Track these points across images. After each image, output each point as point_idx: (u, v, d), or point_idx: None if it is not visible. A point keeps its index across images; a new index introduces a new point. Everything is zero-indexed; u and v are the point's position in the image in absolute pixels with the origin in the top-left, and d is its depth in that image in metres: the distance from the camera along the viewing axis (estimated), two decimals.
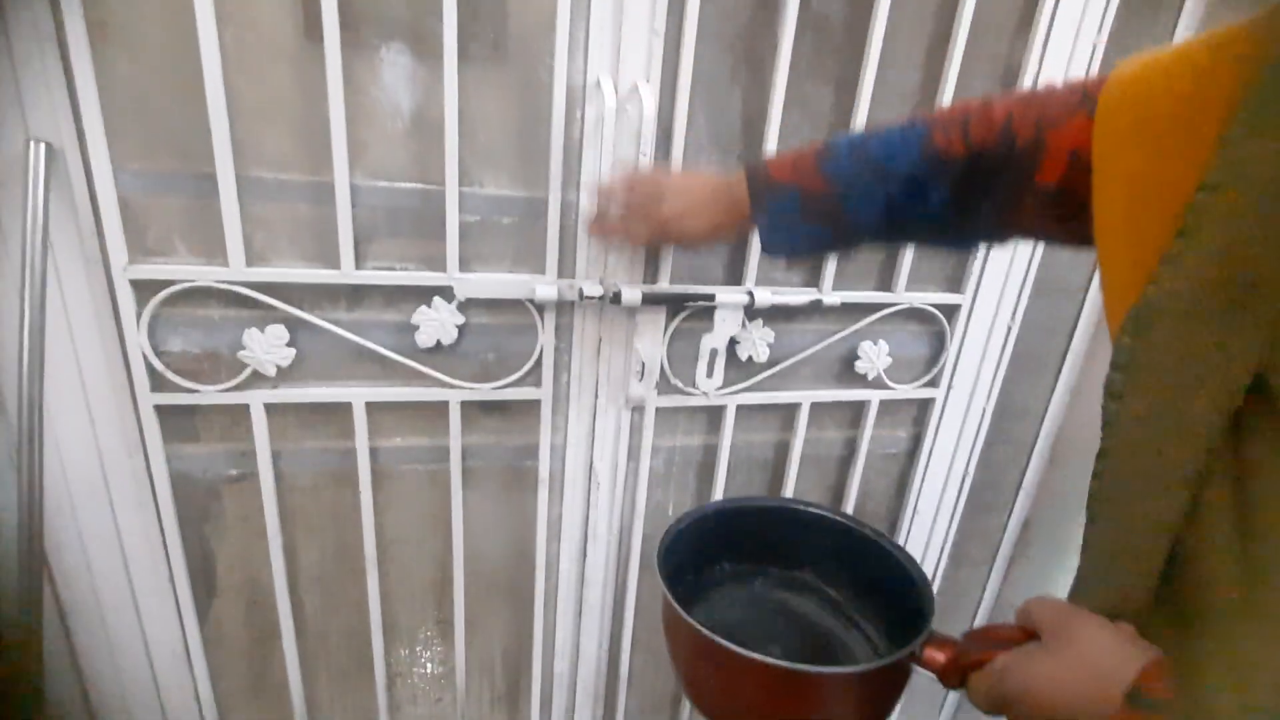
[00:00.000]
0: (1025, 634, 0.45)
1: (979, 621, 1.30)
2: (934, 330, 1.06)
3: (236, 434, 0.86)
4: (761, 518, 0.74)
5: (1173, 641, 0.38)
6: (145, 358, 0.79)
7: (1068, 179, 0.47)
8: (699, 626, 0.53)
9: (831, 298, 0.94)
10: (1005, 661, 0.44)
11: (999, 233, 0.59)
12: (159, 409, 0.81)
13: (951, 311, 1.04)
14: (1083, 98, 0.46)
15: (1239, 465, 0.35)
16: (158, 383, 0.80)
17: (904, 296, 0.99)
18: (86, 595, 0.88)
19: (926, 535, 1.20)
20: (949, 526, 1.21)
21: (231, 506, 0.90)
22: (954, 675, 0.49)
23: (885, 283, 1.01)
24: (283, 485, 0.89)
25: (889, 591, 0.64)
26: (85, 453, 0.82)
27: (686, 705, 1.19)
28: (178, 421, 0.84)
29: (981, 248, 0.80)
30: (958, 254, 0.98)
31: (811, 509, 0.73)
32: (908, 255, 0.98)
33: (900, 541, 1.18)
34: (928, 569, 1.23)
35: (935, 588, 1.23)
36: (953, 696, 1.38)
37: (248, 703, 1.01)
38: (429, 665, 1.07)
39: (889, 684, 0.54)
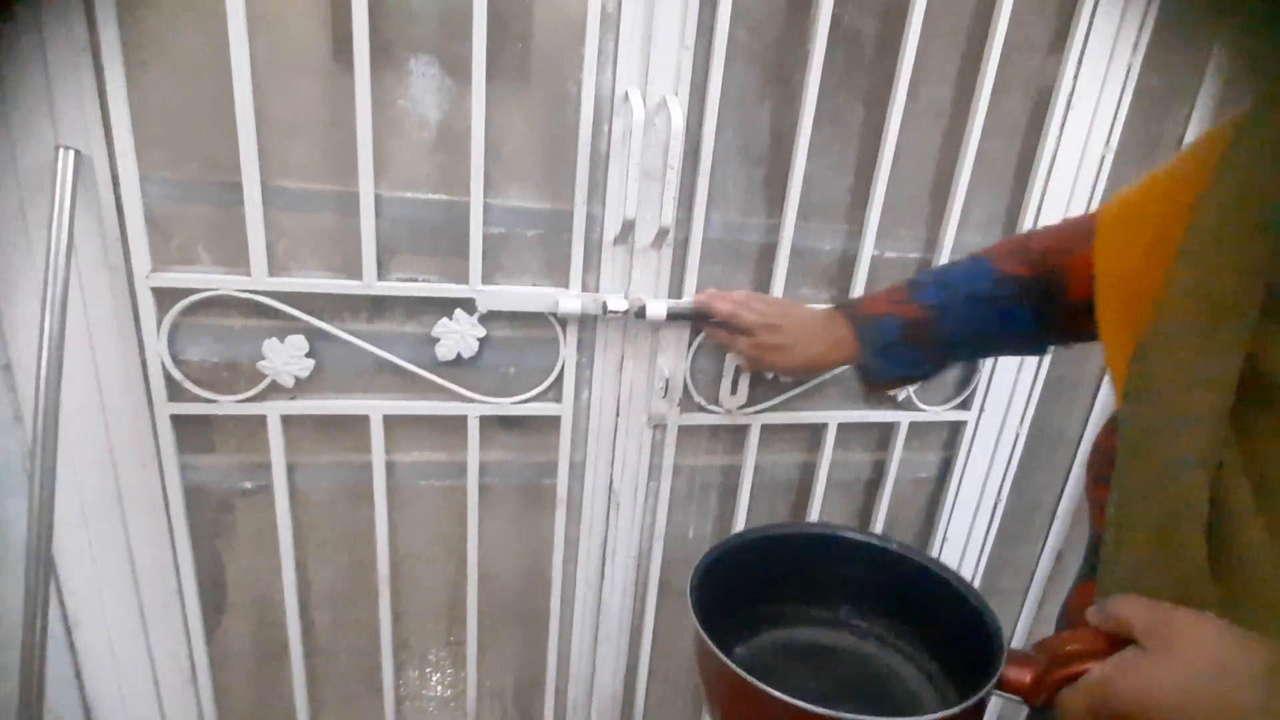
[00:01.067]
0: (1109, 639, 0.41)
1: None
2: None
3: (252, 445, 0.84)
4: (798, 545, 0.69)
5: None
6: (164, 367, 0.78)
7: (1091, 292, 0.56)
8: (747, 676, 0.47)
9: None
10: (1106, 673, 0.41)
11: (1063, 339, 0.70)
12: (175, 419, 0.80)
13: None
14: (1090, 231, 0.58)
15: (1249, 448, 0.40)
16: (175, 392, 0.79)
17: None
18: (93, 607, 0.86)
19: (956, 564, 1.16)
20: (980, 555, 1.16)
21: (244, 520, 0.88)
22: (1040, 693, 0.44)
23: None
24: (297, 499, 0.88)
25: (942, 621, 0.60)
26: (99, 461, 0.80)
27: None
28: (193, 432, 0.83)
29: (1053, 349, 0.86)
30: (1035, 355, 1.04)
31: (852, 534, 0.68)
32: None
33: None
34: None
35: None
36: None
37: None
38: (439, 688, 1.04)
39: None
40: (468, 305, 0.83)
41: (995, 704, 1.27)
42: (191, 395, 0.79)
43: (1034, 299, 0.65)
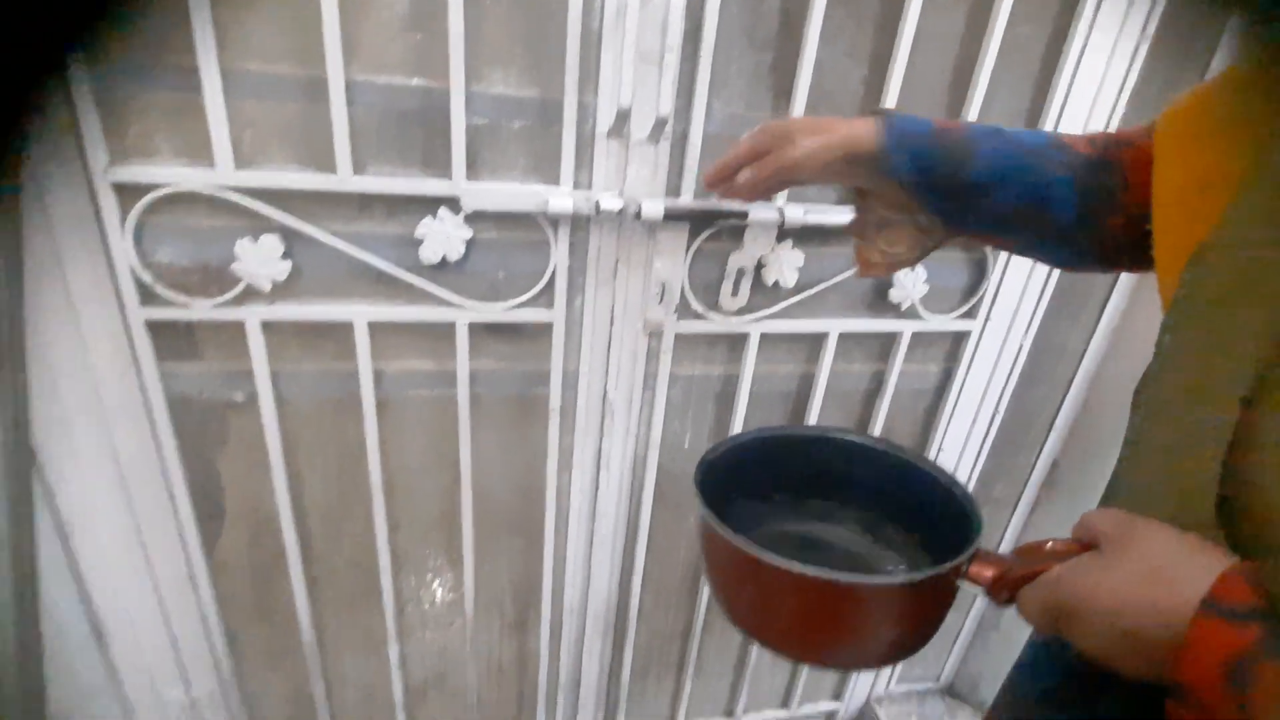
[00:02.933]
0: (1082, 548, 0.42)
1: None
2: (975, 258, 0.99)
3: (233, 353, 0.81)
4: (797, 447, 0.70)
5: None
6: (133, 270, 0.73)
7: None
8: (737, 539, 0.51)
9: None
10: (1060, 571, 0.41)
11: (1095, 252, 0.59)
12: (150, 325, 0.77)
13: None
14: (1150, 128, 0.52)
15: None
16: (147, 296, 0.75)
17: None
18: (86, 515, 0.85)
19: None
20: (974, 465, 1.17)
21: (232, 430, 0.87)
22: (1002, 590, 0.46)
23: None
24: (284, 409, 0.86)
25: (933, 518, 0.60)
26: (75, 368, 0.77)
27: (696, 638, 1.18)
28: (172, 339, 0.80)
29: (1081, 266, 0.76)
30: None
31: (849, 437, 0.69)
32: None
33: None
34: None
35: None
36: (961, 639, 1.37)
37: (256, 626, 1.00)
38: (438, 595, 1.06)
39: (934, 600, 0.51)
40: (452, 204, 0.78)
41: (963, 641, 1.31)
42: (164, 300, 0.76)
43: (1085, 181, 0.56)
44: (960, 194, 0.57)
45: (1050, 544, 0.45)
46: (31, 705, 0.83)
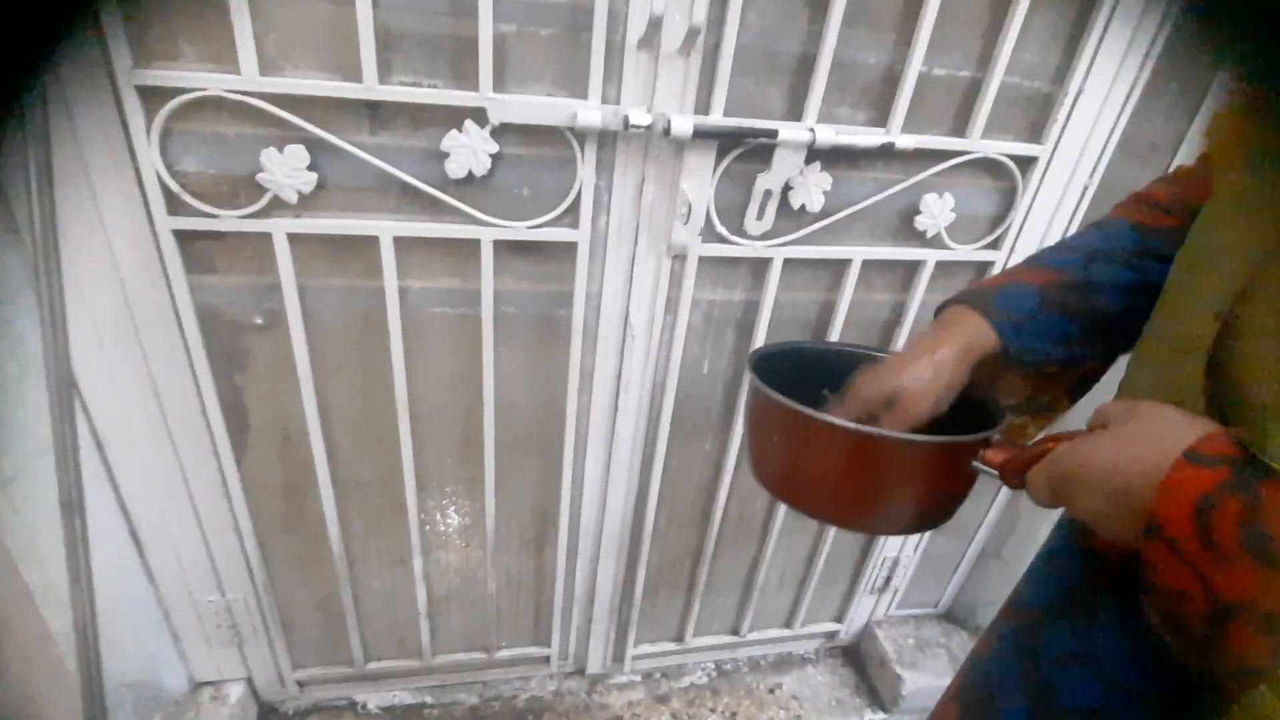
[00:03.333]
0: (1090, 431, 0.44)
1: (1003, 493, 1.30)
2: (1004, 186, 0.97)
3: (260, 266, 0.82)
4: (840, 360, 0.70)
5: None
6: (159, 176, 0.73)
7: None
8: (774, 394, 0.55)
9: (904, 140, 0.85)
10: (1064, 445, 0.44)
11: None
12: (178, 234, 0.77)
13: (1027, 165, 0.95)
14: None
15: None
16: (174, 205, 0.75)
17: (979, 145, 0.90)
18: (120, 428, 0.88)
19: None
20: None
21: (260, 343, 0.88)
22: (1015, 472, 0.48)
23: (960, 128, 0.91)
24: (311, 323, 0.86)
25: (959, 416, 0.62)
26: (106, 279, 0.78)
27: (707, 560, 1.22)
28: (200, 251, 0.80)
29: None
30: None
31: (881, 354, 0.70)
32: (987, 97, 0.88)
33: None
34: None
35: None
36: (961, 568, 1.41)
37: (286, 536, 1.04)
38: (460, 510, 1.09)
39: (956, 471, 0.53)
40: (478, 116, 0.76)
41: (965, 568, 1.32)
42: (192, 209, 0.76)
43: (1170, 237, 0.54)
44: (1102, 330, 0.56)
45: (1063, 431, 0.47)
46: (83, 610, 0.87)
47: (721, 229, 0.89)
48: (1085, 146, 0.96)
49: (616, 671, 1.34)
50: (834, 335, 1.02)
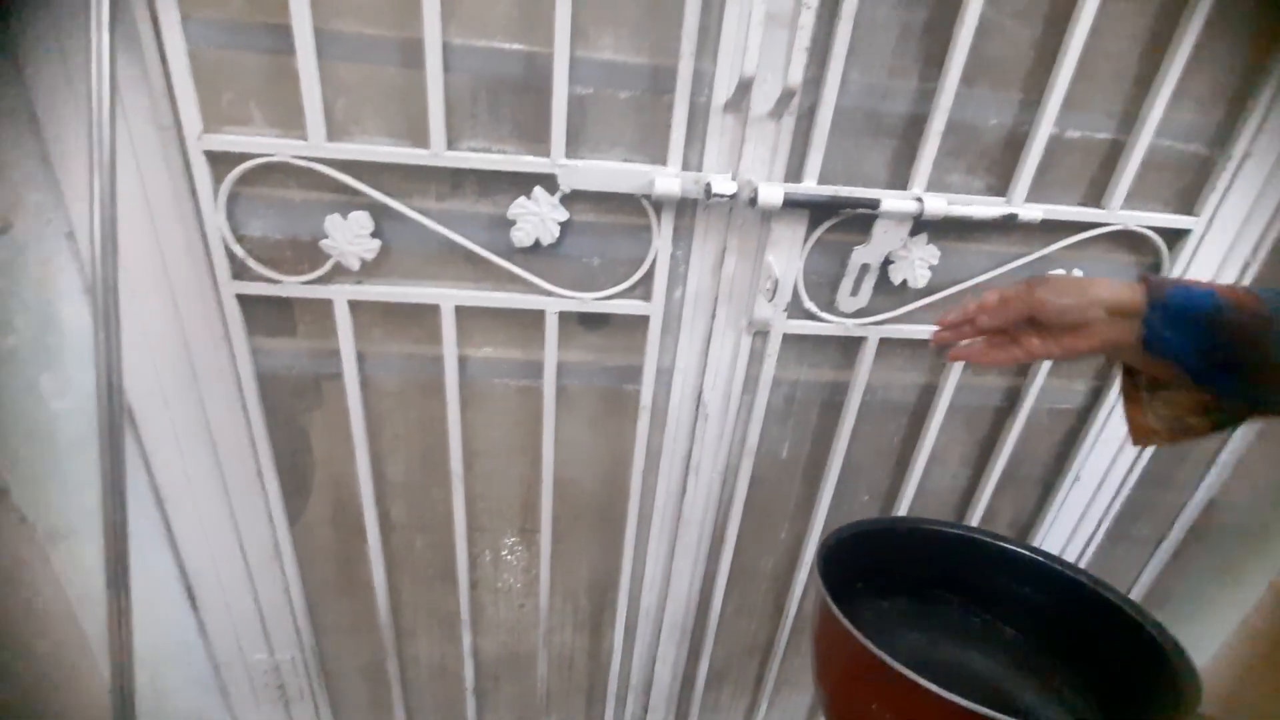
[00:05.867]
0: None
1: None
2: (1147, 262, 0.84)
3: (321, 331, 0.79)
4: (944, 545, 0.58)
5: None
6: (225, 241, 0.71)
7: None
8: (882, 654, 0.43)
9: (1028, 211, 0.74)
10: None
11: None
12: (241, 299, 0.75)
13: (1176, 238, 0.81)
14: None
15: None
16: (239, 270, 0.73)
17: (1119, 216, 0.78)
18: (180, 484, 0.86)
19: (1084, 506, 1.02)
20: (1114, 498, 1.02)
21: (317, 406, 0.85)
22: None
23: (1095, 196, 0.79)
24: (369, 390, 0.83)
25: (1106, 655, 0.49)
26: (171, 339, 0.77)
27: (779, 655, 1.10)
28: (262, 314, 0.78)
29: None
30: None
31: (1004, 544, 0.57)
32: (1131, 162, 0.75)
33: (1052, 512, 1.01)
34: (1078, 544, 1.05)
35: (1083, 562, 1.06)
36: None
37: (335, 599, 1.00)
38: (513, 583, 1.03)
39: None
40: (548, 183, 0.71)
41: None
42: (255, 274, 0.73)
43: None
44: (1262, 377, 0.46)
45: None
46: (123, 663, 0.85)
47: (810, 305, 0.80)
48: (1249, 218, 0.81)
49: None
50: (934, 423, 0.90)
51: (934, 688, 0.40)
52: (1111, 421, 0.94)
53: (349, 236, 0.72)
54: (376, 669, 1.06)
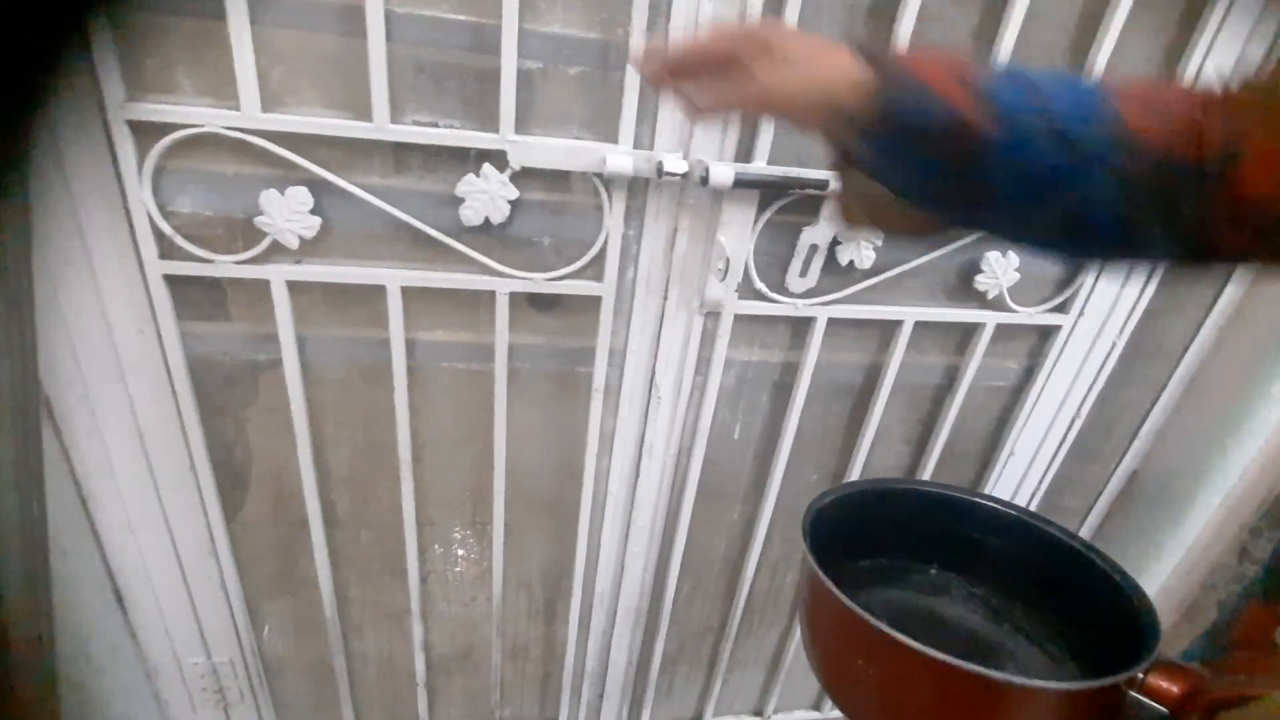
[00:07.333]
0: None
1: None
2: None
3: (257, 314, 0.75)
4: (915, 504, 0.61)
5: None
6: (151, 219, 0.67)
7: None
8: (865, 614, 0.44)
9: None
10: None
11: (1180, 258, 0.41)
12: (169, 279, 0.71)
13: None
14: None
15: None
16: (166, 249, 0.69)
17: None
18: (105, 477, 0.81)
19: (1018, 480, 1.07)
20: (1046, 471, 1.07)
21: (254, 394, 0.81)
22: (1195, 712, 0.38)
23: None
24: (310, 375, 0.80)
25: (1079, 607, 0.51)
26: (91, 323, 0.72)
27: (731, 636, 1.11)
28: (193, 297, 0.74)
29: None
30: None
31: (980, 500, 0.60)
32: None
33: (989, 486, 1.05)
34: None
35: None
36: None
37: (277, 596, 0.96)
38: (464, 572, 1.01)
39: (1096, 715, 0.42)
40: (498, 159, 0.70)
41: None
42: (185, 254, 0.69)
43: (1157, 182, 0.37)
44: (974, 201, 0.41)
45: (1253, 662, 0.38)
46: (43, 666, 0.80)
47: (760, 285, 0.81)
48: None
49: None
50: (880, 401, 0.92)
51: (911, 642, 0.42)
52: (1044, 398, 0.99)
53: (286, 213, 0.69)
54: (322, 668, 1.03)
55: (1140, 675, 0.40)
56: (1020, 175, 0.38)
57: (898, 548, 0.62)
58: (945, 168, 0.39)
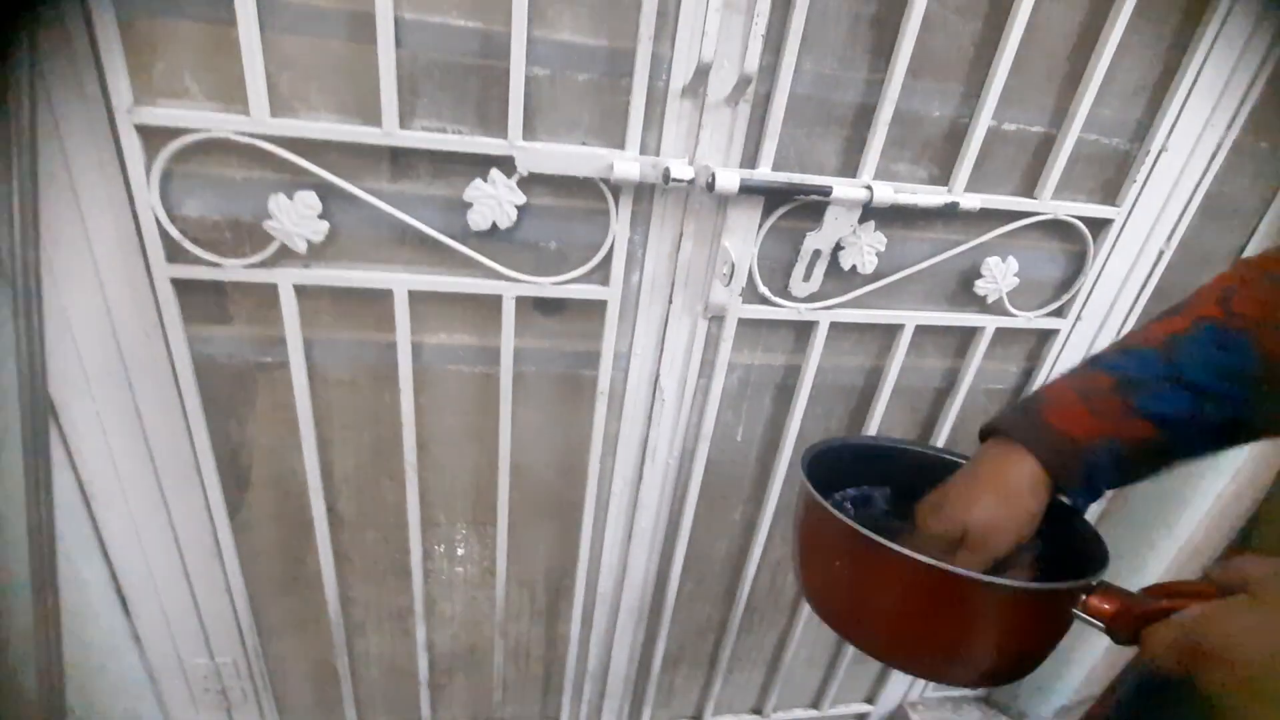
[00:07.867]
0: (1220, 591, 0.39)
1: None
2: (1074, 250, 0.89)
3: (264, 318, 0.76)
4: (901, 460, 0.64)
5: None
6: (158, 221, 0.67)
7: None
8: (845, 518, 0.49)
9: (968, 200, 0.77)
10: (1206, 611, 0.39)
11: None
12: (177, 283, 0.71)
13: (1100, 227, 0.87)
14: None
15: None
16: (173, 252, 0.69)
17: (1049, 205, 0.82)
18: (109, 480, 0.81)
19: None
20: None
21: (261, 397, 0.81)
22: (1126, 626, 0.43)
23: (1028, 187, 0.83)
24: (316, 378, 0.80)
25: (1048, 548, 0.54)
26: (97, 326, 0.72)
27: (732, 635, 1.12)
28: (200, 300, 0.74)
29: None
30: None
31: (950, 456, 0.62)
32: (1062, 154, 0.80)
33: None
34: None
35: None
36: None
37: (281, 597, 0.97)
38: (468, 574, 1.01)
39: (1048, 621, 0.47)
40: (505, 165, 0.70)
41: None
42: (192, 257, 0.70)
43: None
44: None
45: (1184, 584, 0.43)
46: (50, 669, 0.80)
47: (764, 290, 0.81)
48: (1164, 208, 0.87)
49: None
50: (881, 403, 0.93)
51: (884, 541, 0.47)
52: None
53: (295, 218, 0.69)
54: (325, 668, 1.03)
55: (1084, 597, 0.45)
56: (1201, 441, 0.49)
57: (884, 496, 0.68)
58: (1143, 470, 0.51)
